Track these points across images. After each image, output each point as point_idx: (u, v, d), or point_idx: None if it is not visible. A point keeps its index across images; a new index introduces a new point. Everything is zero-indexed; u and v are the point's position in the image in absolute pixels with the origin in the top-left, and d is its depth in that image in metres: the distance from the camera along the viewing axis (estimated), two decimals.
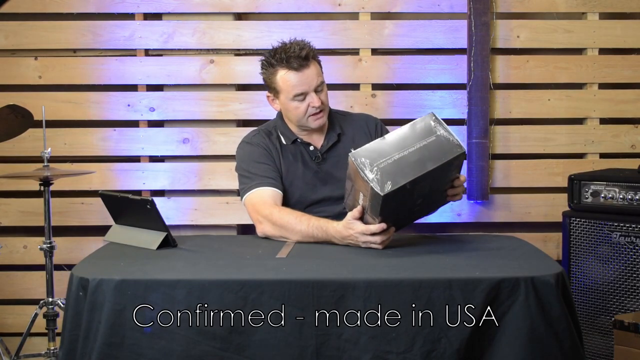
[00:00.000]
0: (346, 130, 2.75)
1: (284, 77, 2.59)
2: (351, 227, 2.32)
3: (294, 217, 2.48)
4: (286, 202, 2.64)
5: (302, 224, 2.45)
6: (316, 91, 2.60)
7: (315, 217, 2.48)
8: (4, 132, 3.15)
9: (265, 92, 2.75)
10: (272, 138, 2.71)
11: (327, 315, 1.93)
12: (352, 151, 2.22)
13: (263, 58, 2.67)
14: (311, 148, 2.70)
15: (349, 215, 2.34)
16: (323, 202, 2.66)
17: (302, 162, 2.69)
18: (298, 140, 2.69)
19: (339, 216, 2.64)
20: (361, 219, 2.31)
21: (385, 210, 2.19)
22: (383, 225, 2.25)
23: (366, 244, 2.31)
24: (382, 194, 2.12)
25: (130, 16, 3.61)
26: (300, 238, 2.46)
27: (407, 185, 2.15)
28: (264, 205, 2.55)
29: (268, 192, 2.59)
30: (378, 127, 2.81)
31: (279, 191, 2.62)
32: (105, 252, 2.30)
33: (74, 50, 3.65)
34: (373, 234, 2.28)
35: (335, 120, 2.75)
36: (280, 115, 2.75)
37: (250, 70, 3.61)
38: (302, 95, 2.59)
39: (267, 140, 2.70)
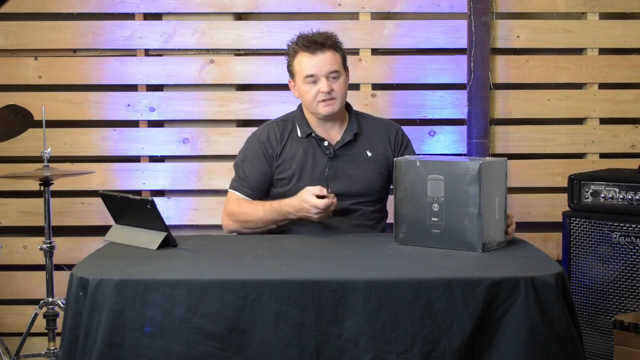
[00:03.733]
0: (365, 131, 2.75)
1: (299, 59, 2.65)
2: (305, 200, 2.49)
3: (250, 207, 2.67)
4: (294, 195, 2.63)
5: (259, 212, 2.63)
6: (328, 78, 2.62)
7: (268, 202, 2.66)
8: (4, 132, 3.15)
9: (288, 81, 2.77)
10: (285, 130, 2.74)
11: (327, 315, 1.93)
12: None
13: (289, 44, 2.72)
14: (325, 143, 2.70)
15: (307, 188, 2.51)
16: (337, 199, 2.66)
17: (313, 157, 2.69)
18: (312, 134, 2.70)
19: (346, 212, 2.66)
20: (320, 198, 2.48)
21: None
22: (329, 201, 2.47)
23: (318, 215, 2.49)
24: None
25: (130, 16, 3.61)
26: (263, 225, 2.65)
27: (418, 163, 2.28)
28: (231, 204, 2.73)
29: (239, 196, 2.74)
30: (399, 135, 2.80)
31: (250, 199, 2.74)
32: (105, 252, 2.30)
33: (74, 50, 3.65)
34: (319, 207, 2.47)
35: (355, 120, 2.75)
36: (300, 106, 2.77)
37: (250, 70, 3.61)
38: (312, 78, 2.62)
39: (273, 134, 2.73)
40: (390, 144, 2.76)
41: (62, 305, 3.11)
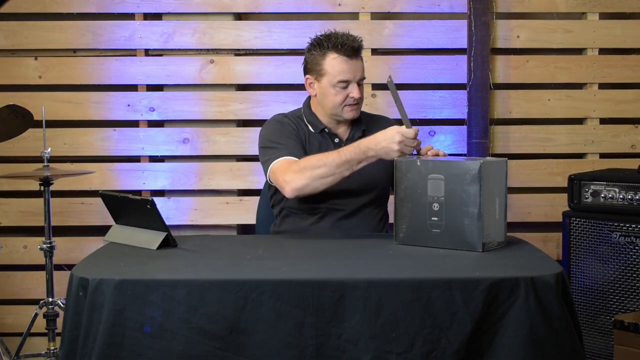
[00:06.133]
0: (370, 127, 2.74)
1: (334, 61, 2.61)
2: (391, 129, 2.40)
3: (318, 155, 2.50)
4: None
5: (331, 154, 2.47)
6: (358, 84, 2.63)
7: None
8: (4, 132, 3.15)
9: (305, 76, 2.70)
10: (301, 124, 2.71)
11: (327, 315, 1.93)
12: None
13: (312, 39, 2.67)
14: (336, 140, 2.70)
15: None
16: (343, 194, 2.65)
17: (327, 152, 2.68)
18: (325, 130, 2.69)
19: (358, 212, 2.67)
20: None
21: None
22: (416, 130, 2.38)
23: (401, 144, 2.35)
24: None
25: (130, 16, 3.61)
26: (336, 167, 2.44)
27: (418, 163, 2.28)
28: (288, 165, 2.52)
29: (291, 159, 2.56)
30: None
31: None
32: (105, 252, 2.30)
33: (74, 50, 3.65)
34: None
35: (361, 118, 2.75)
36: (307, 104, 2.75)
37: (250, 70, 3.61)
38: (345, 83, 2.61)
39: (295, 124, 2.70)
40: None
41: (62, 305, 3.11)
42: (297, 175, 2.47)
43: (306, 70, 2.70)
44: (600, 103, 3.65)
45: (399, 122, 2.90)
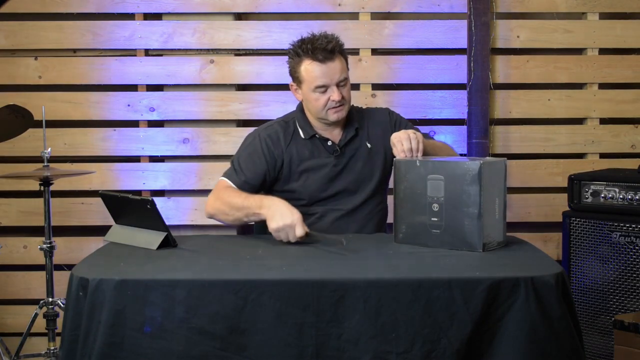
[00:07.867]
0: (363, 124, 2.74)
1: (308, 67, 2.60)
2: (295, 214, 2.35)
3: (235, 193, 2.55)
4: (300, 196, 2.64)
5: (242, 195, 2.53)
6: (338, 86, 2.60)
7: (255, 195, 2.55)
8: (4, 132, 3.15)
9: (290, 83, 2.72)
10: (288, 131, 2.69)
11: (327, 315, 1.93)
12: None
13: (291, 46, 2.67)
14: (329, 143, 2.68)
15: (300, 217, 2.37)
16: (339, 195, 2.67)
17: (319, 158, 2.68)
18: (316, 136, 2.69)
19: (354, 211, 2.68)
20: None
21: None
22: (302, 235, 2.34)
23: (280, 230, 2.35)
24: None
25: (130, 16, 3.61)
26: (235, 210, 2.50)
27: (418, 163, 2.29)
28: (219, 189, 2.61)
29: (229, 184, 2.64)
30: (392, 117, 2.80)
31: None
32: (105, 252, 2.30)
33: (74, 50, 3.65)
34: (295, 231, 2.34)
35: (353, 116, 2.75)
36: (300, 107, 2.75)
37: (250, 70, 3.61)
38: (324, 88, 2.59)
39: (276, 136, 2.67)
40: (390, 130, 2.72)
41: (62, 305, 3.11)
42: (213, 202, 2.58)
43: (290, 77, 2.70)
44: (600, 103, 3.65)
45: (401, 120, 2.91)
